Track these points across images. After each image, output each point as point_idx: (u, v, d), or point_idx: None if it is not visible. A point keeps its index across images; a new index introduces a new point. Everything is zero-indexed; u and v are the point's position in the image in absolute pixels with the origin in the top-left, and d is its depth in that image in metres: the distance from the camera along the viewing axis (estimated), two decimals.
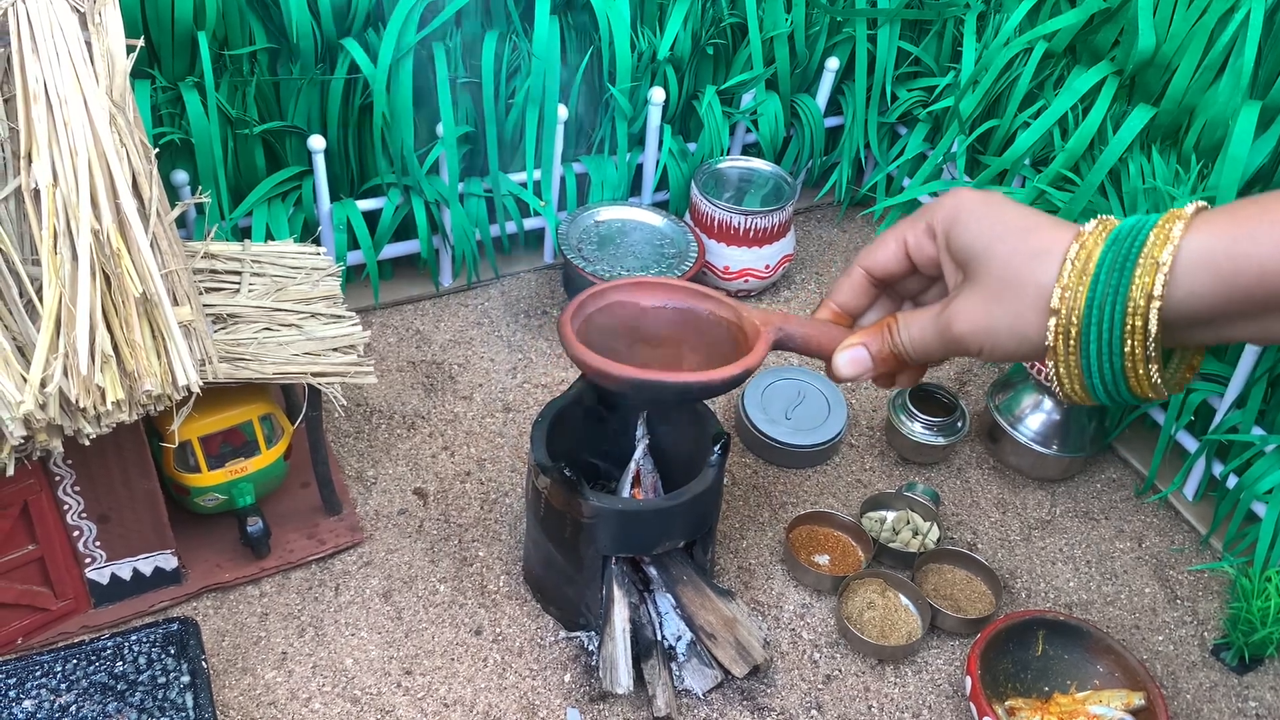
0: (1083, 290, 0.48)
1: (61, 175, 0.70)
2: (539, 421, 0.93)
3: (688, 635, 0.92)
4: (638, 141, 1.35)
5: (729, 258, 1.32)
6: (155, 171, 0.75)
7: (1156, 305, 0.46)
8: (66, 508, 0.85)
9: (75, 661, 0.82)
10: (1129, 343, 0.47)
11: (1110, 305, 0.47)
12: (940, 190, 1.39)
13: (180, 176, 1.10)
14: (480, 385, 1.20)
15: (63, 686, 0.81)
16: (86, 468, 0.83)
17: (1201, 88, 1.09)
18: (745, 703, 0.92)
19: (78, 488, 0.84)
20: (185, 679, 0.83)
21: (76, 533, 0.87)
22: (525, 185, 1.28)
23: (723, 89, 1.38)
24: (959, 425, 1.15)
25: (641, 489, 0.95)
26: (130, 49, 0.76)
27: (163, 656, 0.84)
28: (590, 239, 1.27)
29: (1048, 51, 1.24)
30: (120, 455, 0.83)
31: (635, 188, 1.39)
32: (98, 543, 0.88)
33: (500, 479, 1.09)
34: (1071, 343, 0.48)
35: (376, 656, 0.92)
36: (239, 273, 0.93)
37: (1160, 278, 0.46)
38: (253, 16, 1.08)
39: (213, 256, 0.93)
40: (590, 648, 0.93)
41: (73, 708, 0.80)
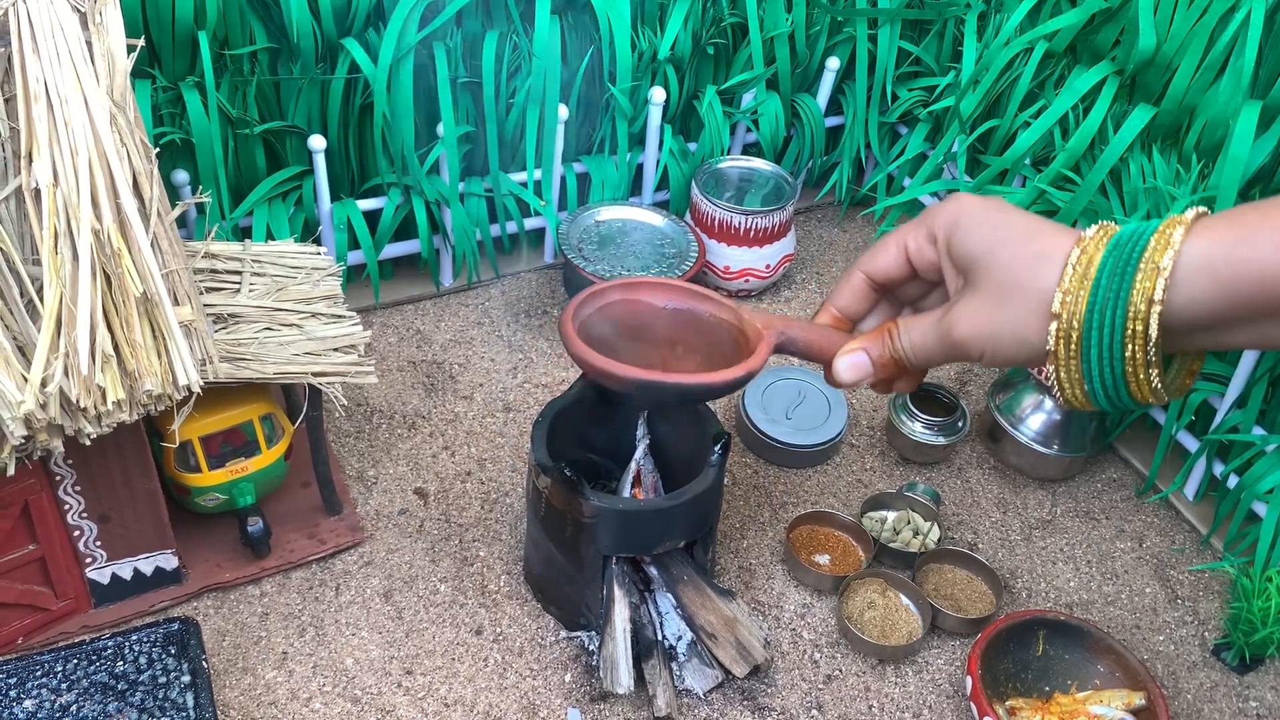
0: (1084, 295, 0.48)
1: (62, 175, 0.70)
2: (539, 421, 0.93)
3: (688, 635, 0.92)
4: (638, 141, 1.35)
5: (729, 257, 1.32)
6: (156, 171, 0.75)
7: (1157, 310, 0.46)
8: (67, 507, 0.85)
9: (76, 661, 0.82)
10: (1130, 347, 0.47)
11: (1111, 310, 0.47)
12: (941, 190, 1.39)
13: (181, 176, 1.10)
14: (481, 385, 1.20)
15: (63, 686, 0.81)
16: (87, 467, 0.83)
17: (1202, 87, 1.09)
18: (746, 703, 0.92)
19: (78, 487, 0.84)
20: (186, 679, 0.83)
21: (77, 532, 0.87)
22: (526, 185, 1.28)
23: (723, 89, 1.37)
24: (960, 425, 1.15)
25: (642, 489, 0.95)
26: (131, 49, 0.76)
27: (163, 656, 0.84)
28: (591, 239, 1.27)
29: (1048, 51, 1.24)
30: (121, 455, 0.83)
31: (636, 187, 1.39)
32: (98, 542, 0.88)
33: (501, 479, 1.10)
34: (1072, 347, 0.49)
35: (377, 656, 0.92)
36: (239, 273, 0.93)
37: (1161, 283, 0.46)
38: (253, 16, 1.08)
39: (213, 256, 0.93)
40: (591, 647, 0.93)
41: (73, 707, 0.81)
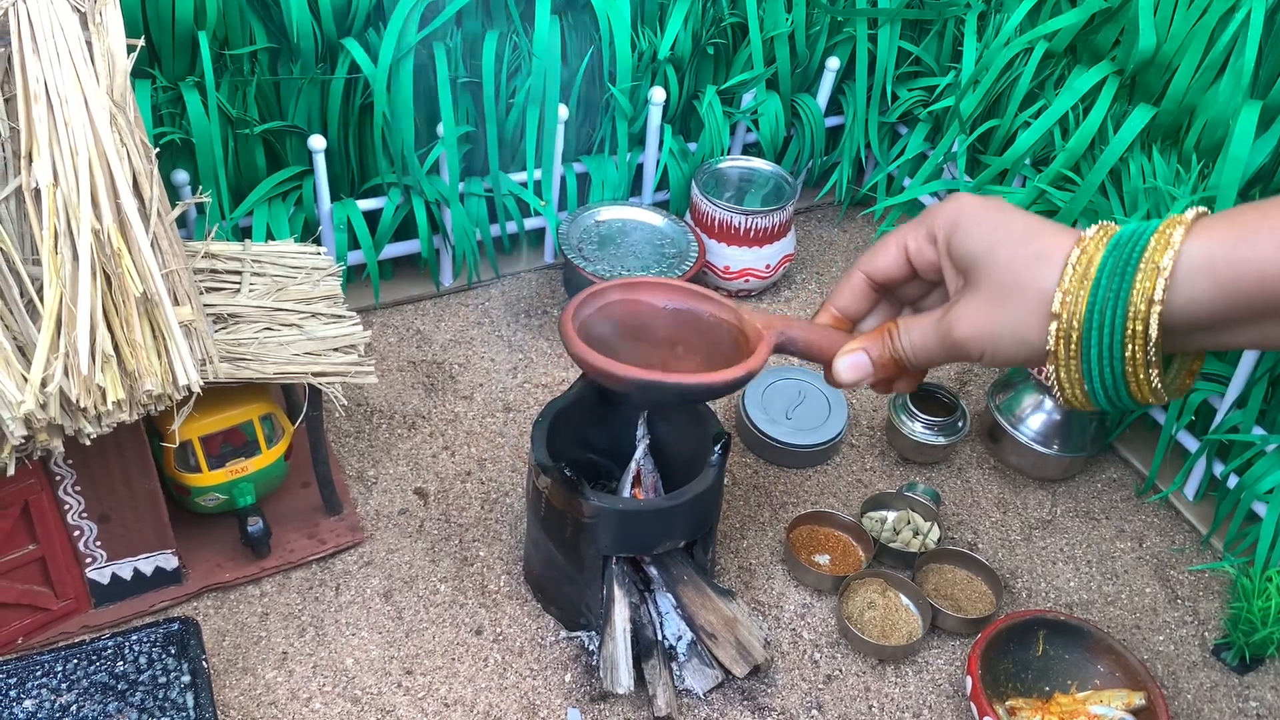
0: (1084, 295, 0.48)
1: (62, 175, 0.70)
2: (539, 421, 0.93)
3: (688, 635, 0.92)
4: (638, 141, 1.35)
5: (729, 257, 1.32)
6: (156, 171, 0.75)
7: (1157, 310, 0.46)
8: (67, 507, 0.85)
9: (76, 661, 0.82)
10: (1130, 347, 0.47)
11: (1111, 310, 0.47)
12: (941, 190, 1.39)
13: (181, 176, 1.10)
14: (481, 385, 1.20)
15: (63, 686, 0.81)
16: (87, 467, 0.83)
17: (1202, 87, 1.09)
18: (746, 703, 0.92)
19: (78, 487, 0.84)
20: (186, 679, 0.83)
21: (77, 532, 0.87)
22: (526, 185, 1.28)
23: (723, 89, 1.37)
24: (960, 425, 1.15)
25: (642, 489, 0.95)
26: (131, 49, 0.76)
27: (163, 656, 0.84)
28: (591, 239, 1.27)
29: (1048, 51, 1.24)
30: (121, 455, 0.83)
31: (636, 187, 1.39)
32: (98, 542, 0.88)
33: (501, 479, 1.10)
34: (1072, 347, 0.48)
35: (377, 656, 0.92)
36: (239, 272, 0.93)
37: (1161, 282, 0.46)
38: (253, 16, 1.08)
39: (213, 256, 0.93)
40: (591, 647, 0.93)
41: (73, 707, 0.81)
